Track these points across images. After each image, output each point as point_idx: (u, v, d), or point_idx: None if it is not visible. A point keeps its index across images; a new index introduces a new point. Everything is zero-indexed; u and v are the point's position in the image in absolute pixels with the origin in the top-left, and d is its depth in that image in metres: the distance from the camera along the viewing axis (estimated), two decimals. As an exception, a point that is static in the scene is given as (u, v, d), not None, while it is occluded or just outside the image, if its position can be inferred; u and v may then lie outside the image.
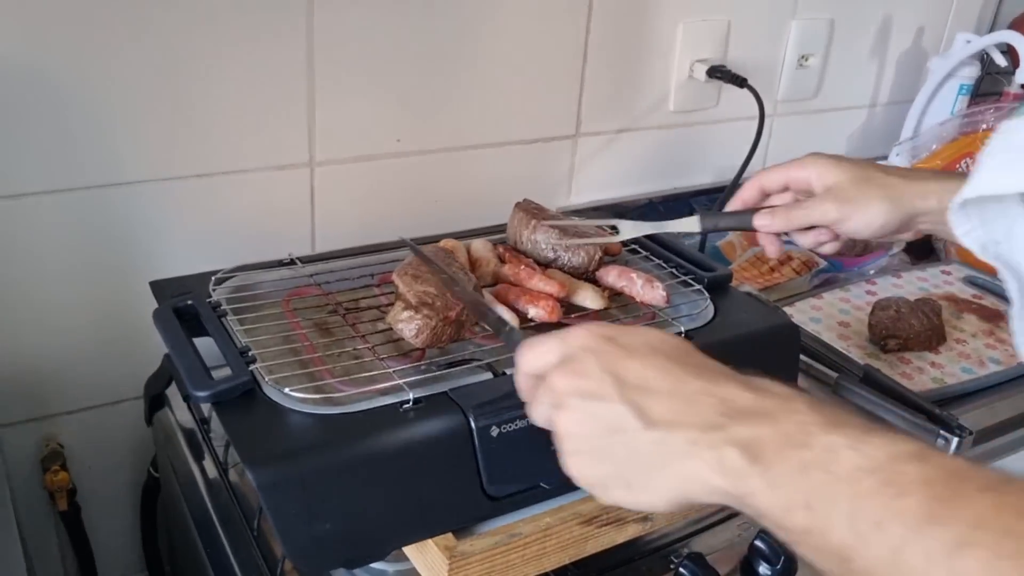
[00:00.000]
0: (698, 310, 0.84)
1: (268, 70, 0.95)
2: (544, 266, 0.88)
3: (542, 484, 0.68)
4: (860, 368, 0.98)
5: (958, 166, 1.39)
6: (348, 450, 0.63)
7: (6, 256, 0.90)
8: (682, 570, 0.77)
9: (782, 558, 0.78)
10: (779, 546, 0.78)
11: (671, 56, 1.24)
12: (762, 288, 1.18)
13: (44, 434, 0.99)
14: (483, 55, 1.08)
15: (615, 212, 1.23)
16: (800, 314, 1.13)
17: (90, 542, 1.03)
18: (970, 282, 1.25)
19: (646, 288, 0.84)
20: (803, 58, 1.38)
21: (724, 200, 1.03)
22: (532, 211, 0.91)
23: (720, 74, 1.24)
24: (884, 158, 1.43)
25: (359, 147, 1.04)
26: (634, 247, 0.95)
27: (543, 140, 1.18)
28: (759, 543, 0.79)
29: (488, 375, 0.71)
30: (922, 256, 1.36)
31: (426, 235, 0.95)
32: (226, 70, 0.93)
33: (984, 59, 1.51)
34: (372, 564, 0.70)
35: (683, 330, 0.79)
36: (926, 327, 1.06)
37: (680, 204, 1.32)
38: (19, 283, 0.92)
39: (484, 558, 0.66)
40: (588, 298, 0.84)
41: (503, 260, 0.88)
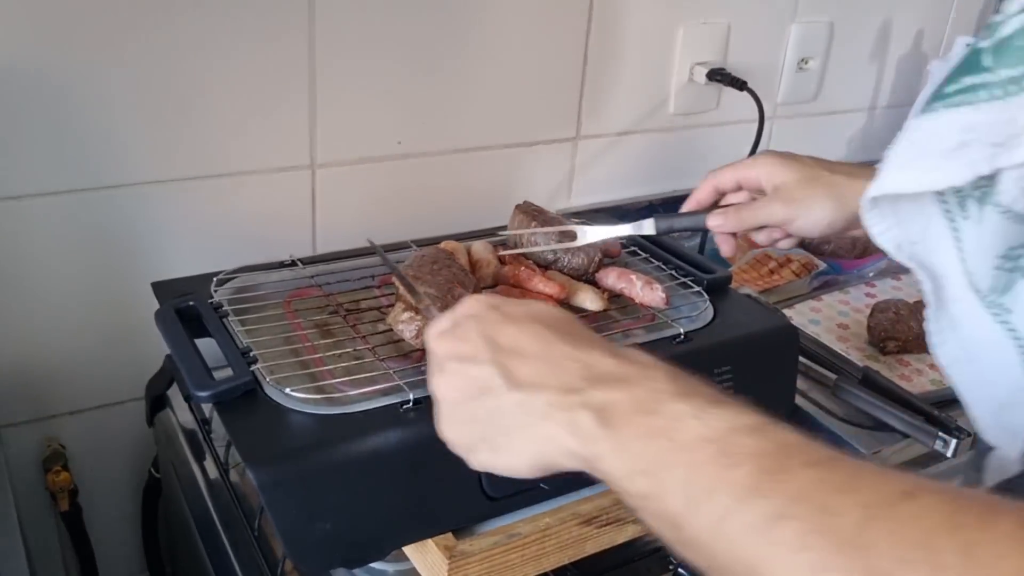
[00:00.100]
0: (697, 312, 0.85)
1: (270, 73, 0.95)
2: (544, 268, 0.88)
3: (541, 484, 0.69)
4: (859, 370, 0.98)
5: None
6: (348, 450, 0.63)
7: (8, 257, 0.90)
8: (681, 570, 0.77)
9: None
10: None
11: (671, 59, 1.24)
12: (762, 290, 1.18)
13: (46, 435, 1.00)
14: (484, 58, 1.08)
15: (615, 214, 1.23)
16: (799, 316, 1.13)
17: (91, 542, 1.03)
18: (969, 284, 1.25)
19: (646, 290, 0.84)
20: (803, 61, 1.38)
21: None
22: (532, 213, 0.91)
23: (720, 77, 1.25)
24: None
25: (360, 149, 1.04)
26: (634, 249, 0.96)
27: (543, 143, 1.18)
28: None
29: (488, 376, 0.71)
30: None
31: (427, 236, 0.95)
32: (228, 72, 0.93)
33: (983, 62, 1.51)
34: (372, 564, 0.71)
35: (682, 331, 0.80)
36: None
37: (680, 206, 1.31)
38: (21, 284, 0.92)
39: (483, 558, 0.66)
40: (588, 299, 0.84)
41: (503, 261, 0.89)
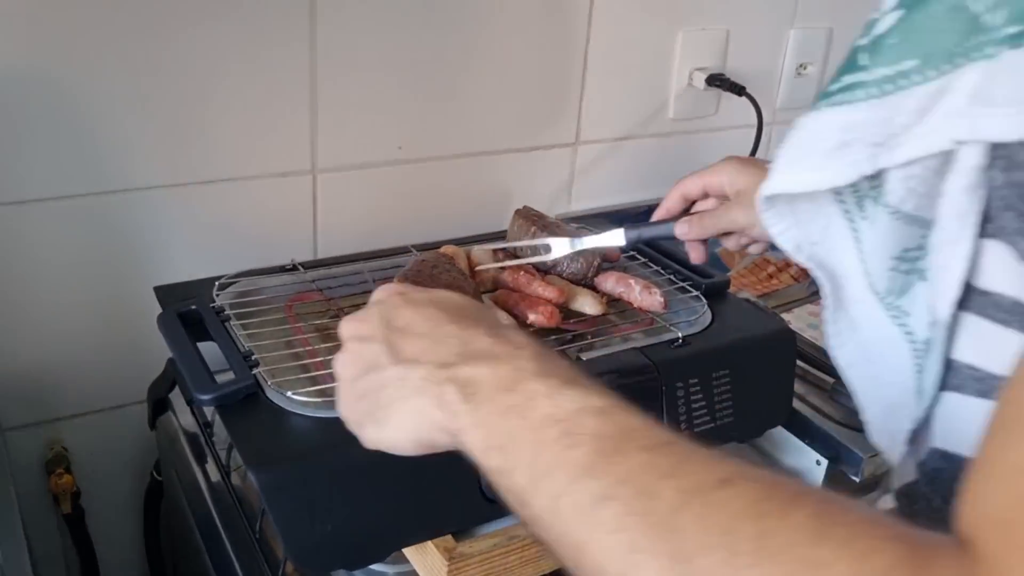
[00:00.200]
0: (695, 316, 0.85)
1: (272, 79, 0.96)
2: (544, 272, 0.89)
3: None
4: (857, 374, 0.98)
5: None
6: (349, 453, 0.63)
7: (11, 261, 0.91)
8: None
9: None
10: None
11: (670, 64, 1.25)
12: (760, 295, 1.19)
13: (49, 438, 1.00)
14: (484, 64, 1.09)
15: (615, 219, 1.24)
16: (798, 320, 1.13)
17: (93, 544, 1.04)
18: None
19: (644, 294, 0.85)
20: (801, 66, 1.39)
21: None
22: (532, 218, 0.92)
23: (719, 82, 1.25)
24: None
25: (361, 155, 1.05)
26: (633, 254, 0.96)
27: (543, 148, 1.19)
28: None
29: (487, 379, 0.72)
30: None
31: (427, 241, 0.96)
32: (230, 79, 0.94)
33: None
34: (372, 565, 0.71)
35: (681, 335, 0.80)
36: (923, 333, 1.06)
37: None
38: (24, 288, 0.92)
39: (483, 560, 0.67)
40: (587, 304, 0.85)
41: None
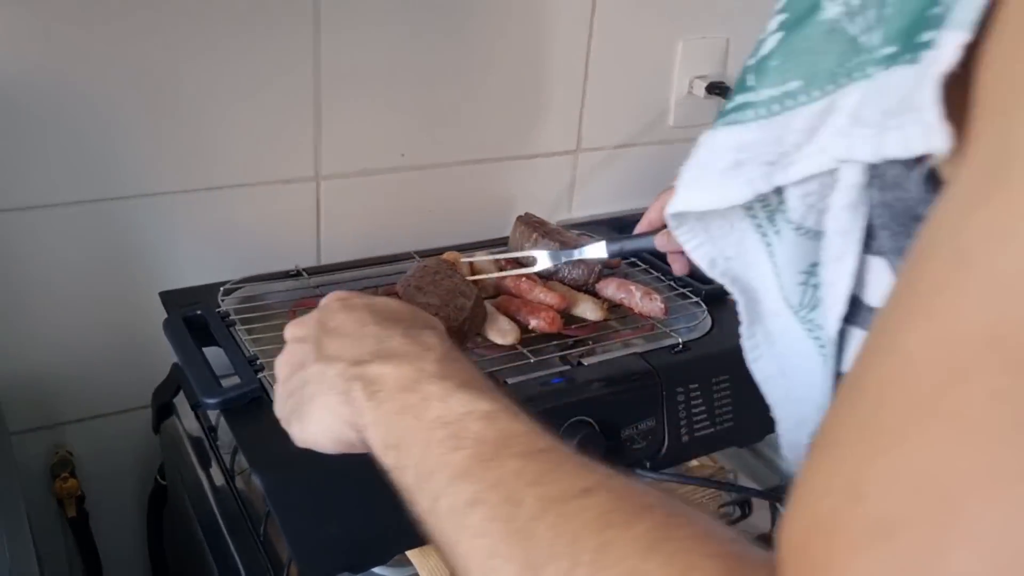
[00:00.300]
0: (695, 322, 0.86)
1: (276, 88, 0.97)
2: (545, 278, 0.90)
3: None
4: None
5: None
6: (354, 456, 0.64)
7: (17, 267, 0.92)
8: None
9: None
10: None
11: (671, 73, 1.26)
12: (760, 301, 1.20)
13: (54, 442, 1.01)
14: (485, 72, 1.10)
15: (615, 226, 1.25)
16: (797, 326, 1.14)
17: (97, 548, 1.05)
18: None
19: (645, 300, 0.86)
20: (801, 75, 1.40)
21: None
22: (534, 224, 0.93)
23: (719, 90, 1.26)
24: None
25: (364, 161, 1.06)
26: (633, 260, 0.97)
27: (544, 155, 1.20)
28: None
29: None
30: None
31: (430, 247, 0.97)
32: (236, 87, 0.95)
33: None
34: (376, 568, 0.72)
35: (681, 341, 0.81)
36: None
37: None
38: (30, 293, 0.93)
39: (485, 562, 0.68)
40: (588, 309, 0.86)
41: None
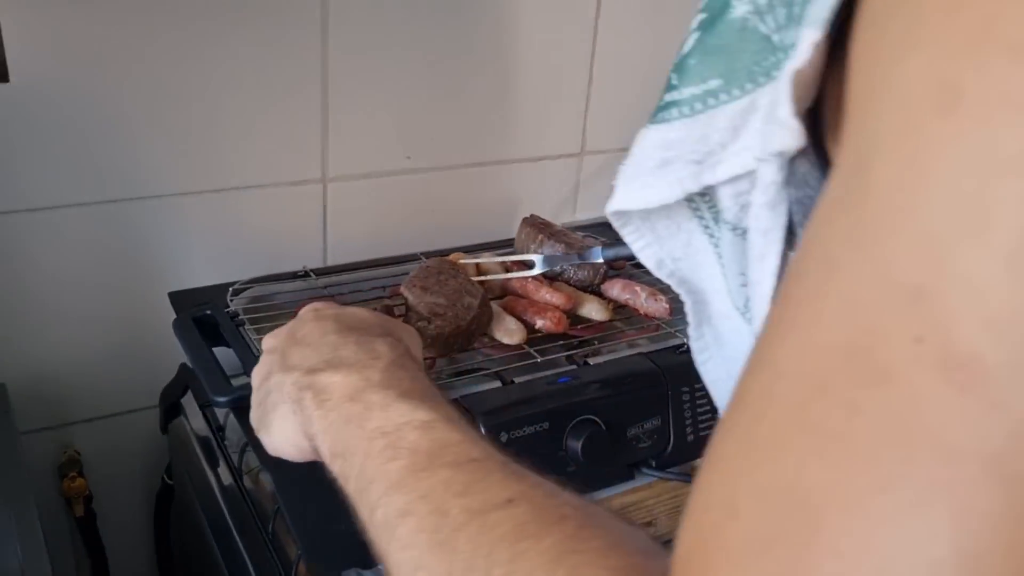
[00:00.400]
0: (700, 322, 0.87)
1: (284, 91, 0.98)
2: (551, 279, 0.90)
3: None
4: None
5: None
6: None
7: (27, 268, 0.92)
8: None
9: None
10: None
11: (674, 76, 1.26)
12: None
13: (62, 442, 1.02)
14: (491, 75, 1.11)
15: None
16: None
17: (105, 547, 1.05)
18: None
19: (650, 300, 0.86)
20: (804, 78, 1.40)
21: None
22: (539, 226, 0.94)
23: (722, 93, 1.27)
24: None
25: (370, 164, 1.07)
26: (637, 262, 0.98)
27: (549, 158, 1.20)
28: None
29: (497, 383, 0.73)
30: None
31: (436, 249, 0.97)
32: (244, 90, 0.95)
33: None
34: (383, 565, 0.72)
35: (685, 341, 0.82)
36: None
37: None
38: (39, 294, 0.94)
39: (492, 560, 0.68)
40: (593, 310, 0.86)
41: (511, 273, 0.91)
